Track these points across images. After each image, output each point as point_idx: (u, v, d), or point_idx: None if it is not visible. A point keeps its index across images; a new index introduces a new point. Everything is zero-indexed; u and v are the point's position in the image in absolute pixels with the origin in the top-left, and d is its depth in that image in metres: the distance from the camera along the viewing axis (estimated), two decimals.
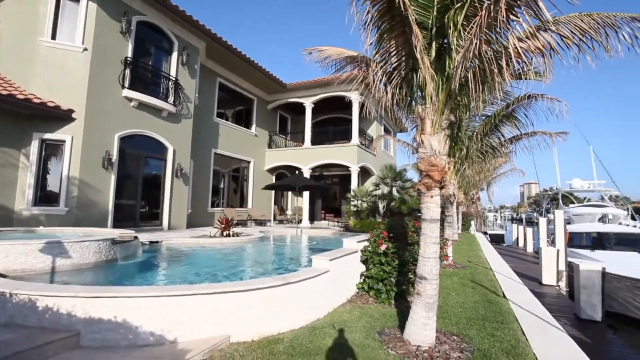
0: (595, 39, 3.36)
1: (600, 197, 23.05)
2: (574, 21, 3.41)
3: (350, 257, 5.81)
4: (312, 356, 3.45)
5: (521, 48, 3.43)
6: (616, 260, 8.53)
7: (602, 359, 4.59)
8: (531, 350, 3.81)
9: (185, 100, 12.29)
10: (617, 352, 5.24)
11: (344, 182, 19.01)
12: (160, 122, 11.34)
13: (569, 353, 3.84)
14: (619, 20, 3.31)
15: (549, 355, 3.71)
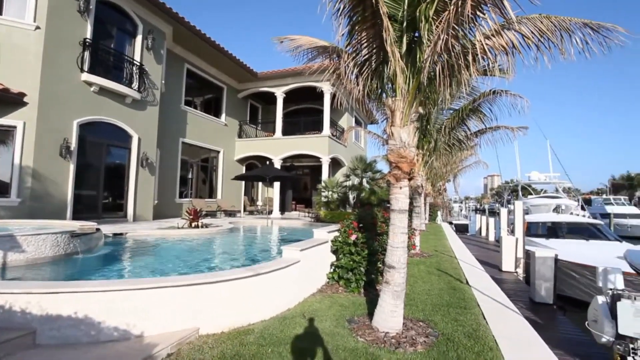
0: (552, 41, 3.55)
1: (555, 189, 24.66)
2: (534, 22, 3.57)
3: (321, 248, 5.87)
4: (283, 345, 3.47)
5: (487, 45, 3.56)
6: (567, 248, 9.18)
7: (552, 337, 4.95)
8: (490, 333, 4.05)
9: (151, 86, 11.74)
10: (565, 331, 5.69)
11: (315, 173, 19.05)
12: (124, 109, 10.78)
13: (523, 333, 4.13)
14: (573, 24, 3.50)
15: (506, 336, 3.96)
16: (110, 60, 10.60)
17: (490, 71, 5.39)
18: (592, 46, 3.51)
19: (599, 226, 11.63)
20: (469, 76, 3.84)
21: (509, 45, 3.59)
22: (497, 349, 3.61)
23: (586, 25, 3.47)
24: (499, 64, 4.08)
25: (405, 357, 3.34)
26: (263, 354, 3.27)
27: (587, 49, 3.52)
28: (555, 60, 3.66)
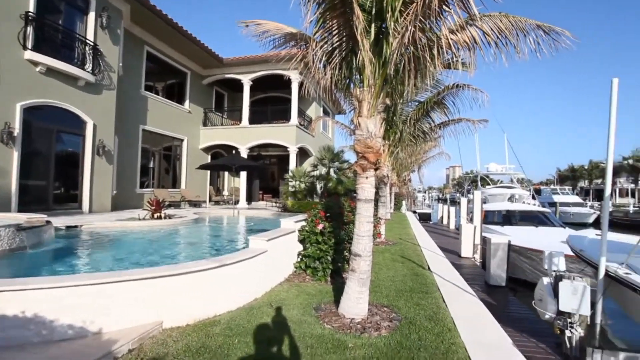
0: (509, 39, 3.71)
1: (510, 179, 26.23)
2: (494, 20, 3.71)
3: (288, 237, 5.87)
4: (250, 335, 3.46)
5: (451, 40, 3.66)
6: (519, 234, 9.84)
7: (503, 316, 5.33)
8: (449, 315, 4.28)
9: (107, 69, 10.99)
10: (515, 310, 6.15)
11: (282, 163, 18.91)
12: (77, 93, 10.02)
13: (478, 314, 4.41)
14: (527, 25, 3.68)
15: (463, 317, 4.21)
16: (58, 38, 9.76)
17: (454, 65, 5.56)
18: (543, 47, 3.71)
19: (547, 214, 12.56)
20: (434, 69, 3.94)
21: (471, 40, 3.72)
22: (454, 330, 3.82)
23: (539, 27, 3.66)
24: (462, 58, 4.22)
25: (370, 342, 3.45)
26: (230, 345, 3.24)
27: (539, 50, 3.72)
28: (512, 58, 3.85)
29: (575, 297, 4.20)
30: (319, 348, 3.26)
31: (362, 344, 3.38)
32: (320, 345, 3.32)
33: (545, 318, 4.58)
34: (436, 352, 3.29)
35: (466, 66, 4.94)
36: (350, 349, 3.27)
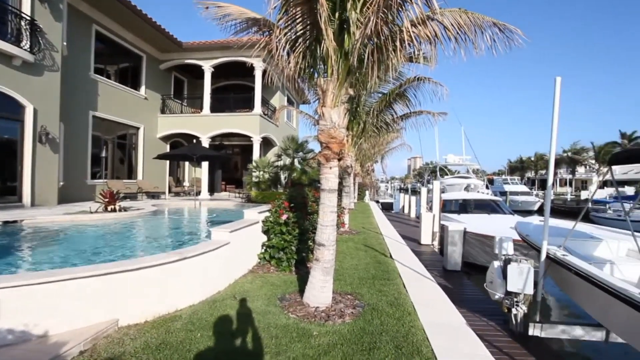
0: (468, 35, 3.85)
1: (467, 170, 27.66)
2: (454, 15, 3.82)
3: (252, 228, 5.79)
4: (212, 329, 3.40)
5: (413, 33, 3.73)
6: (473, 222, 10.43)
7: (459, 298, 5.66)
8: (409, 299, 4.47)
9: (48, 47, 10.01)
10: (469, 293, 6.56)
11: (246, 153, 18.51)
12: (12, 73, 9.05)
13: (436, 297, 4.66)
14: (485, 22, 3.83)
15: (422, 301, 4.42)
16: None
17: (416, 58, 5.71)
18: (498, 44, 3.89)
19: (498, 202, 13.41)
20: (397, 61, 4.00)
21: (432, 34, 3.81)
22: (414, 313, 4.00)
23: (495, 25, 3.83)
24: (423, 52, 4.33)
25: (334, 329, 3.52)
26: (192, 340, 3.16)
27: (494, 47, 3.89)
28: (470, 54, 4.00)
29: (521, 278, 4.55)
30: (284, 338, 3.28)
31: (326, 332, 3.44)
32: (285, 335, 3.33)
33: (495, 298, 4.93)
34: (397, 335, 3.43)
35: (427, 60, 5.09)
36: (314, 337, 3.32)
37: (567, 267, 4.50)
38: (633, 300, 3.33)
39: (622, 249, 5.38)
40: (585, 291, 4.22)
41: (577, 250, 5.11)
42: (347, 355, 3.01)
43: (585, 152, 51.11)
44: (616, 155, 4.64)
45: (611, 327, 4.24)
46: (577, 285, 4.43)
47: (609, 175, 4.79)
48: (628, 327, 3.67)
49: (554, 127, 4.92)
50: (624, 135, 45.32)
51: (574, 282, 4.46)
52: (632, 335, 3.70)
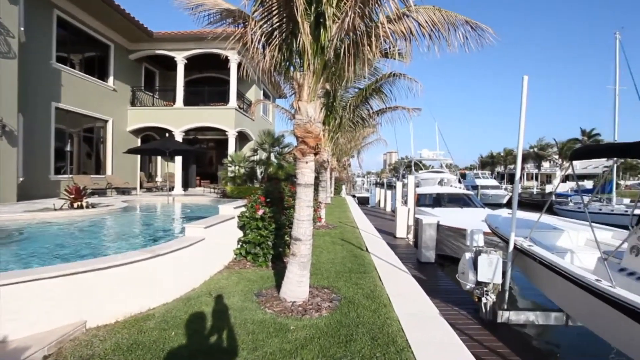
0: (442, 32, 3.92)
1: (440, 164, 28.41)
2: (428, 12, 3.88)
3: (227, 224, 5.71)
4: (188, 327, 3.33)
5: (389, 29, 3.76)
6: (447, 215, 10.76)
7: (432, 289, 5.84)
8: (385, 292, 4.56)
9: (3, 33, 9.33)
10: (442, 284, 6.77)
11: (221, 147, 18.15)
12: None
13: (411, 289, 4.77)
14: (458, 20, 3.92)
15: (397, 293, 4.52)
16: None
17: (391, 54, 5.78)
18: (471, 42, 3.99)
19: (470, 196, 13.89)
20: (373, 57, 4.03)
21: (407, 31, 3.86)
22: (390, 305, 4.09)
23: (467, 23, 3.92)
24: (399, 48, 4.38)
25: (312, 323, 3.54)
26: (166, 338, 3.09)
27: (467, 45, 3.99)
28: (444, 51, 4.08)
29: (491, 268, 4.75)
30: (261, 333, 3.26)
31: (303, 326, 3.46)
32: (262, 331, 3.32)
33: (467, 288, 5.13)
34: (373, 327, 3.49)
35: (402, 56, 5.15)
36: (292, 332, 3.32)
37: (532, 257, 4.74)
38: (589, 286, 3.56)
39: (581, 239, 5.72)
40: (548, 279, 4.47)
41: (542, 240, 5.38)
42: (324, 348, 3.03)
43: (550, 147, 53.74)
44: (576, 151, 4.90)
45: (570, 311, 4.52)
46: (540, 274, 4.68)
47: (570, 170, 5.06)
48: (584, 310, 3.92)
49: (522, 123, 5.14)
50: (584, 133, 47.96)
51: (538, 271, 4.71)
52: (587, 318, 3.97)
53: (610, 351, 4.56)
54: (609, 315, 3.31)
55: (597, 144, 22.06)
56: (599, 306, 3.41)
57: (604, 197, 21.05)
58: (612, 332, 3.54)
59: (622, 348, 3.47)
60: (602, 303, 3.36)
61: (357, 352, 2.98)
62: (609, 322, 3.44)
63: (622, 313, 3.13)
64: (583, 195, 9.78)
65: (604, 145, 8.10)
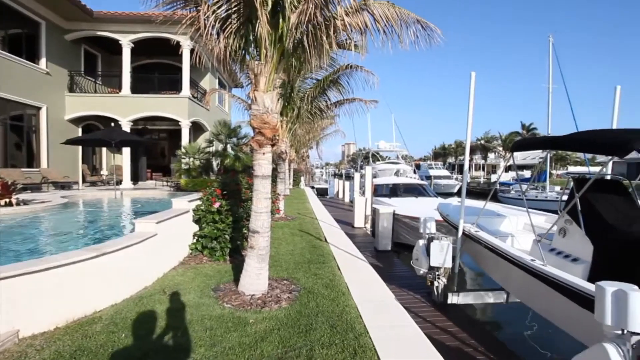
0: (395, 28, 4.00)
1: (397, 156, 29.42)
2: (383, 8, 3.94)
3: (182, 218, 5.48)
4: (140, 327, 3.17)
5: (347, 21, 3.77)
6: (402, 204, 11.18)
7: (389, 276, 6.08)
8: (344, 280, 4.66)
9: None
10: (398, 270, 7.07)
11: (174, 138, 17.29)
12: None
13: (368, 277, 4.93)
14: (410, 18, 4.02)
15: (355, 281, 4.65)
16: None
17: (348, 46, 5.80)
18: (421, 40, 4.12)
19: (424, 186, 14.54)
20: (330, 48, 4.02)
21: (363, 25, 3.90)
22: (348, 293, 4.19)
23: (418, 22, 4.04)
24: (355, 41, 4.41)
25: (271, 315, 3.53)
26: (115, 341, 2.91)
27: (417, 42, 4.12)
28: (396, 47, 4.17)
29: (442, 254, 5.04)
30: (219, 328, 3.20)
31: (263, 318, 3.44)
32: (220, 326, 3.25)
33: (420, 274, 5.40)
34: (332, 315, 3.56)
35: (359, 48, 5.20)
36: (251, 325, 3.29)
37: (478, 242, 5.09)
38: (525, 265, 3.91)
39: (520, 224, 6.24)
40: (491, 261, 4.84)
41: (487, 226, 5.79)
42: (284, 339, 3.04)
43: (495, 140, 57.80)
44: (516, 143, 5.30)
45: (510, 289, 4.94)
46: (485, 256, 5.05)
47: (511, 161, 5.47)
48: (521, 287, 4.31)
49: (470, 117, 5.44)
50: (524, 126, 52.15)
51: (483, 254, 5.08)
52: (524, 294, 4.37)
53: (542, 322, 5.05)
54: (541, 290, 3.66)
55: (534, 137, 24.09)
56: (533, 283, 3.76)
57: (539, 185, 23.15)
58: (544, 305, 3.93)
59: (551, 319, 3.86)
60: (536, 280, 3.71)
61: (316, 341, 3.03)
62: (541, 297, 3.81)
63: (552, 288, 3.48)
64: (522, 183, 10.67)
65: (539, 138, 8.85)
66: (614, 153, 3.29)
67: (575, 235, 4.04)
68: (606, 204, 4.03)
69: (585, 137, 4.13)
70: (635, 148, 3.02)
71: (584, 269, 3.77)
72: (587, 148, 4.65)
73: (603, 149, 3.64)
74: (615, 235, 3.72)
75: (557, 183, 27.75)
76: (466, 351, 3.96)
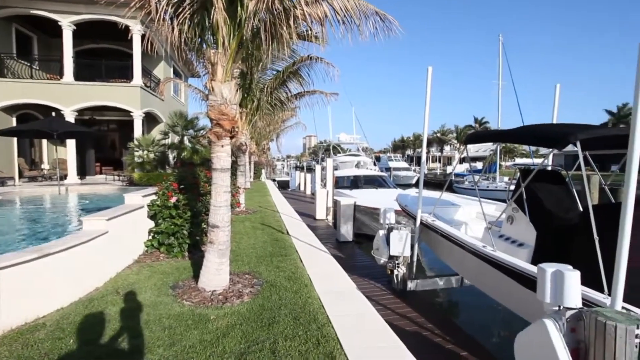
0: (354, 20, 4.02)
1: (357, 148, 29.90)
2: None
3: (135, 214, 5.19)
4: (91, 331, 2.97)
5: (306, 11, 3.72)
6: (363, 196, 11.42)
7: (350, 266, 6.21)
8: (306, 272, 4.69)
9: None
10: (359, 260, 7.24)
11: (125, 129, 16.23)
12: None
13: (330, 268, 5.00)
14: (369, 10, 4.06)
15: (317, 272, 4.70)
16: None
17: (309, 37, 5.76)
18: (380, 32, 4.18)
19: (384, 177, 14.95)
20: (290, 38, 3.96)
21: (322, 15, 3.87)
22: (311, 285, 4.22)
23: (377, 13, 4.10)
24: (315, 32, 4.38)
25: (233, 310, 3.47)
26: (62, 349, 2.71)
27: (377, 34, 4.18)
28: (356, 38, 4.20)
29: (401, 243, 5.22)
30: (178, 327, 3.09)
31: (224, 314, 3.37)
32: (180, 324, 3.15)
33: (381, 263, 5.56)
34: (295, 307, 3.57)
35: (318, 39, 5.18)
36: (212, 321, 3.22)
37: (435, 230, 5.34)
38: (477, 251, 4.17)
39: (473, 212, 6.62)
40: (447, 248, 5.11)
41: (443, 215, 6.09)
42: (246, 333, 3.01)
43: (450, 133, 60.67)
44: (469, 136, 5.60)
45: (464, 274, 5.26)
46: (441, 244, 5.31)
47: (465, 153, 5.77)
48: (474, 272, 4.60)
49: (426, 111, 5.65)
50: (477, 120, 55.23)
51: (440, 242, 5.34)
52: (477, 278, 4.67)
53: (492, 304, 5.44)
54: (491, 274, 3.93)
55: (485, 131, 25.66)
56: (485, 267, 4.03)
57: (490, 176, 24.74)
58: (494, 288, 4.22)
59: (501, 300, 4.17)
60: (487, 265, 3.98)
61: (280, 333, 3.02)
62: (491, 280, 4.09)
63: (500, 271, 3.75)
64: (474, 175, 11.35)
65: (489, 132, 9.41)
66: (553, 146, 3.57)
67: (521, 222, 4.37)
68: (547, 192, 4.40)
69: (529, 131, 4.46)
70: (571, 141, 3.30)
71: (528, 252, 4.09)
72: (531, 141, 5.03)
73: (544, 142, 3.95)
74: (554, 221, 4.08)
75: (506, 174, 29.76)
76: (424, 335, 4.16)
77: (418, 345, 3.37)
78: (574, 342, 2.12)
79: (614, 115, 37.84)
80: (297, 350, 2.78)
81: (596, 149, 4.47)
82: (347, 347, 2.81)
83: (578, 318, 2.14)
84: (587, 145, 3.71)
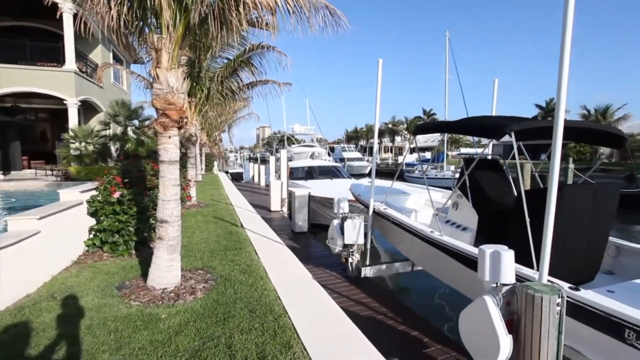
0: (304, 11, 3.97)
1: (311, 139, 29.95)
2: None
3: (73, 211, 4.78)
4: (22, 342, 2.71)
5: None
6: (318, 186, 11.50)
7: (306, 257, 6.27)
8: (262, 265, 4.66)
9: None
10: (314, 250, 7.33)
11: (59, 119, 14.77)
12: None
13: (286, 259, 5.02)
14: (319, 3, 4.04)
15: (273, 264, 4.69)
16: None
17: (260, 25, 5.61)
18: (329, 26, 4.18)
19: (338, 168, 15.17)
20: (240, 25, 3.82)
21: (273, 4, 3.77)
22: (266, 277, 4.21)
23: (327, 7, 4.08)
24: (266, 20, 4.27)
25: (186, 307, 3.35)
26: None
27: (326, 28, 4.17)
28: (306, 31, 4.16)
29: (355, 231, 5.36)
30: (126, 329, 2.93)
31: (177, 312, 3.25)
32: (127, 326, 2.98)
33: (336, 251, 5.68)
34: (251, 300, 3.54)
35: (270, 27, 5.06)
36: (163, 321, 3.09)
37: (387, 218, 5.56)
38: (425, 237, 4.42)
39: (422, 200, 6.98)
40: (398, 234, 5.35)
41: (394, 204, 6.34)
42: (200, 330, 2.93)
43: (401, 124, 62.93)
44: (418, 127, 5.87)
45: (414, 259, 5.55)
46: (393, 231, 5.55)
47: (414, 143, 6.02)
48: (423, 256, 4.88)
49: (378, 102, 5.80)
50: (425, 112, 57.84)
51: (391, 229, 5.57)
52: (426, 262, 4.96)
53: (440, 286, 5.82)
54: (438, 257, 4.19)
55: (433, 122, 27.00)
56: (432, 251, 4.29)
57: (438, 165, 26.18)
58: (441, 270, 4.52)
59: (447, 281, 4.47)
60: (434, 249, 4.23)
61: (236, 327, 2.99)
62: (439, 263, 4.36)
63: (446, 254, 4.01)
64: (423, 164, 11.93)
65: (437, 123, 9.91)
66: (491, 136, 3.87)
67: (465, 208, 4.69)
68: (487, 180, 4.76)
69: (470, 123, 4.78)
70: (506, 132, 3.59)
71: (471, 236, 4.42)
72: (472, 132, 5.39)
73: (483, 133, 4.25)
74: (493, 206, 4.43)
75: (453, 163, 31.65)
76: (378, 319, 4.34)
77: (373, 329, 3.51)
78: (509, 314, 2.34)
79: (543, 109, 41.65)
80: (253, 343, 2.77)
81: (528, 139, 4.90)
82: (304, 337, 2.86)
83: (512, 292, 2.36)
84: (520, 135, 4.06)
